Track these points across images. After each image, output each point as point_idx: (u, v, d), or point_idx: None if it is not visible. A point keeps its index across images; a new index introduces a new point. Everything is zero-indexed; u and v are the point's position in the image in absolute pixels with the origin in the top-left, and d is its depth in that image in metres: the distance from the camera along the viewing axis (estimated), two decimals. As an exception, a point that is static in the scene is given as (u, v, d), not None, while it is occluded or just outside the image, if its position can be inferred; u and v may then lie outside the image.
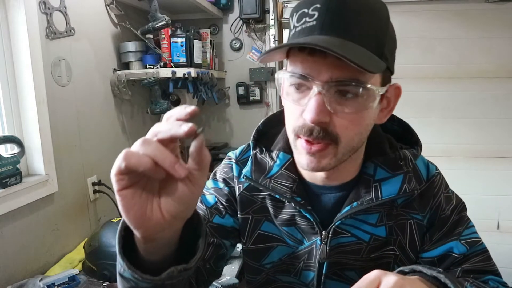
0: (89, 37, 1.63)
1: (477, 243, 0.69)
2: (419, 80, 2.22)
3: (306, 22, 0.54)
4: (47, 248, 1.39)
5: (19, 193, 1.24)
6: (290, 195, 0.66)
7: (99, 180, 1.68)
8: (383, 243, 0.68)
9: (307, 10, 0.54)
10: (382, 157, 0.67)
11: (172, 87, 1.94)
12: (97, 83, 1.71)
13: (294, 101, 0.58)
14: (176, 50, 1.91)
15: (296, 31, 0.56)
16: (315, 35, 0.53)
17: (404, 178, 0.65)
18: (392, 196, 0.64)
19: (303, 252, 0.69)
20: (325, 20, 0.52)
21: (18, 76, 1.30)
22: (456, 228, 0.69)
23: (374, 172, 0.66)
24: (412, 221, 0.68)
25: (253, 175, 0.69)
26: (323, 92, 0.53)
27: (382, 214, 0.66)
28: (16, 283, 1.18)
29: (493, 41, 2.13)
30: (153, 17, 1.79)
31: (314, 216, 0.66)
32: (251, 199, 0.72)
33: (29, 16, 1.28)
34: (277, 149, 0.71)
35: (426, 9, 2.16)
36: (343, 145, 0.57)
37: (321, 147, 0.56)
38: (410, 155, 0.69)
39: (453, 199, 0.71)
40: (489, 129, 2.21)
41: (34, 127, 1.32)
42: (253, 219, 0.72)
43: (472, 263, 0.67)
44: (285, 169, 0.68)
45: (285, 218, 0.69)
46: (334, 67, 0.52)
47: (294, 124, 0.58)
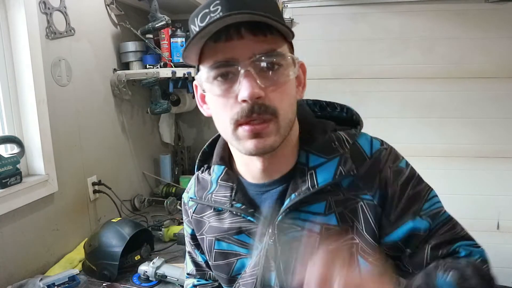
0: (89, 37, 1.63)
1: (440, 213, 0.66)
2: (419, 80, 2.22)
3: (212, 18, 0.55)
4: (47, 248, 1.39)
5: (19, 193, 1.24)
6: (230, 203, 0.68)
7: (99, 180, 1.68)
8: (339, 233, 0.64)
9: (207, 9, 0.56)
10: (312, 143, 0.66)
11: (172, 87, 1.94)
12: (97, 83, 1.71)
13: (223, 93, 0.58)
14: (176, 50, 1.91)
15: (201, 28, 0.56)
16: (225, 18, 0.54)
17: (340, 161, 0.64)
18: (328, 181, 0.63)
19: (259, 256, 0.68)
20: (230, 6, 0.54)
21: (18, 76, 1.30)
22: (414, 204, 0.65)
23: (307, 159, 0.65)
24: (363, 202, 0.64)
25: (197, 195, 0.74)
26: (250, 70, 0.56)
27: (330, 201, 0.64)
28: (16, 283, 1.18)
29: (493, 41, 2.13)
30: (153, 17, 1.79)
31: (257, 217, 0.66)
32: (200, 220, 0.76)
33: (29, 16, 1.28)
34: (212, 164, 0.73)
35: (426, 9, 2.15)
36: (282, 117, 0.59)
37: (264, 125, 0.58)
38: (345, 135, 0.66)
39: (405, 173, 0.66)
40: (489, 129, 2.20)
41: (34, 127, 1.33)
42: (206, 239, 0.75)
43: (438, 236, 0.64)
44: (222, 180, 0.70)
45: (231, 227, 0.70)
46: (252, 44, 0.56)
47: (231, 115, 0.58)
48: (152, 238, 1.50)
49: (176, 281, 1.25)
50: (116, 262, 1.28)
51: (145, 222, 1.77)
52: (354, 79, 2.28)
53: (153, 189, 2.20)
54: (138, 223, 1.47)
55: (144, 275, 1.28)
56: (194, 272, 0.87)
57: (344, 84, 2.29)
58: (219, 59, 0.57)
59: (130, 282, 1.30)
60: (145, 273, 1.27)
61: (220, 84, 0.58)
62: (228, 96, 0.58)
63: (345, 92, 2.28)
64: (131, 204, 1.93)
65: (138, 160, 2.06)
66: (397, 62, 2.23)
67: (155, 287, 1.27)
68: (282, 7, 2.27)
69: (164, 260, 1.31)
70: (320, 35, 2.25)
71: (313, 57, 2.21)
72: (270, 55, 0.57)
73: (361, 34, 2.23)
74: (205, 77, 0.60)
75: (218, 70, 0.58)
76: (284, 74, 0.58)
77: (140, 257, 1.41)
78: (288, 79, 0.59)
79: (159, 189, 2.12)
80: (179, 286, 1.25)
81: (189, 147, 2.48)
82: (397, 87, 2.25)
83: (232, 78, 0.57)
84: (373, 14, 2.20)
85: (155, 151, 2.26)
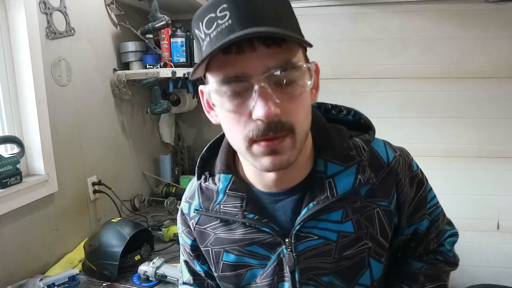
0: (89, 37, 1.63)
1: (436, 209, 0.75)
2: (419, 80, 2.22)
3: (220, 25, 0.51)
4: (47, 248, 1.39)
5: (19, 193, 1.24)
6: (242, 214, 0.64)
7: (99, 180, 1.68)
8: (354, 240, 0.64)
9: (214, 14, 0.51)
10: (330, 150, 0.64)
11: (172, 87, 1.94)
12: (97, 83, 1.71)
13: (236, 110, 0.54)
14: (176, 50, 1.91)
15: (212, 37, 0.52)
16: (238, 32, 0.49)
17: (358, 169, 0.63)
18: (347, 190, 0.62)
19: (273, 266, 0.66)
20: (241, 14, 0.50)
21: (18, 76, 1.30)
22: (422, 207, 0.72)
23: (325, 168, 0.63)
24: (379, 209, 0.65)
25: (203, 206, 0.69)
26: (265, 85, 0.51)
27: (346, 209, 0.64)
28: (16, 283, 1.18)
29: (493, 41, 2.13)
30: (153, 17, 1.79)
31: (272, 227, 0.63)
32: (204, 232, 0.71)
33: (29, 16, 1.28)
34: (217, 173, 0.68)
35: (426, 9, 2.15)
36: (299, 131, 0.55)
37: (280, 141, 0.54)
38: (361, 142, 0.65)
39: (418, 176, 0.71)
40: (489, 129, 2.21)
41: (34, 127, 1.33)
42: (212, 251, 0.71)
43: (433, 231, 0.75)
44: (230, 190, 0.66)
45: (242, 239, 0.66)
46: (266, 57, 0.51)
47: (245, 132, 0.54)
48: (152, 238, 1.50)
49: (176, 281, 1.25)
50: (116, 262, 1.28)
51: (145, 222, 1.77)
52: (354, 79, 2.28)
53: (153, 189, 2.20)
54: (138, 223, 1.47)
55: (144, 275, 1.28)
56: (191, 282, 0.82)
57: (344, 84, 2.30)
58: (230, 73, 0.52)
59: (130, 282, 1.30)
60: (145, 273, 1.27)
61: (232, 99, 0.54)
62: (240, 112, 0.54)
63: (345, 92, 2.28)
64: (131, 204, 1.93)
65: (138, 160, 2.06)
66: (397, 62, 2.23)
67: (155, 287, 1.27)
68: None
69: (164, 260, 1.31)
70: (320, 35, 2.25)
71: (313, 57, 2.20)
72: (286, 68, 0.52)
73: (361, 34, 2.23)
74: (214, 89, 0.55)
75: (229, 85, 0.53)
76: (301, 86, 0.54)
77: (140, 257, 1.41)
78: (304, 90, 0.55)
79: (159, 189, 2.12)
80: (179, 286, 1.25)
81: (189, 147, 2.48)
82: (397, 87, 2.25)
83: (244, 92, 0.53)
84: (373, 14, 2.20)
85: (155, 151, 2.26)
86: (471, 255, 2.26)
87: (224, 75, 0.52)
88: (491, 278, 2.25)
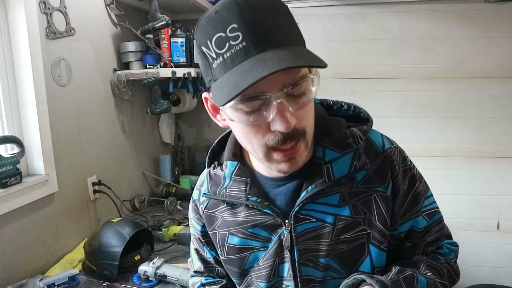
0: (89, 37, 1.63)
1: (435, 213, 0.75)
2: (419, 80, 2.22)
3: (233, 46, 0.53)
4: (47, 248, 1.39)
5: (19, 193, 1.24)
6: (245, 197, 0.70)
7: (99, 180, 1.68)
8: (351, 224, 0.68)
9: (224, 34, 0.53)
10: (329, 138, 0.68)
11: (172, 87, 1.94)
12: (97, 83, 1.71)
13: (253, 123, 0.58)
14: (176, 50, 1.91)
15: (226, 58, 0.54)
16: (254, 55, 0.52)
17: (354, 156, 0.67)
18: (344, 174, 0.66)
19: (275, 248, 0.71)
20: (254, 37, 0.52)
21: (18, 76, 1.30)
22: (418, 202, 0.72)
23: (323, 154, 0.68)
24: (376, 194, 0.69)
25: (210, 190, 0.75)
26: (283, 102, 0.55)
27: (343, 193, 0.68)
28: (16, 283, 1.18)
29: (493, 41, 2.13)
30: (153, 17, 1.79)
31: (273, 209, 0.69)
32: (212, 216, 0.77)
33: (29, 16, 1.28)
34: (225, 160, 0.75)
35: (426, 9, 2.16)
36: (309, 133, 0.62)
37: (296, 149, 0.60)
38: (358, 131, 0.69)
39: (412, 171, 0.73)
40: (489, 129, 2.21)
41: (34, 127, 1.33)
42: (219, 233, 0.77)
43: (432, 234, 0.74)
44: (235, 176, 0.72)
45: (245, 221, 0.72)
46: (282, 76, 0.54)
47: (263, 140, 0.59)
48: (152, 238, 1.50)
49: (176, 281, 1.25)
50: (116, 262, 1.28)
51: (145, 222, 1.77)
52: (354, 79, 2.28)
53: (153, 189, 2.20)
54: (138, 223, 1.47)
55: (144, 275, 1.28)
56: (202, 269, 0.88)
57: (344, 84, 2.30)
58: (250, 93, 0.54)
59: (130, 282, 1.30)
60: (145, 273, 1.28)
61: (249, 114, 0.57)
62: (258, 124, 0.58)
63: (345, 92, 2.28)
64: (131, 204, 1.93)
65: (138, 160, 2.06)
66: (397, 62, 2.23)
67: (155, 287, 1.27)
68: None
69: (164, 260, 1.31)
70: (320, 35, 2.25)
71: (313, 57, 2.21)
72: (299, 83, 0.56)
73: (361, 34, 2.23)
74: (229, 105, 0.57)
75: (248, 103, 0.56)
76: (310, 95, 0.59)
77: (140, 257, 1.41)
78: (312, 97, 0.59)
79: (159, 189, 2.12)
80: (179, 286, 1.25)
81: (189, 147, 2.48)
82: (397, 87, 2.25)
83: (262, 106, 0.56)
84: (373, 14, 2.20)
85: (155, 151, 2.26)
86: (471, 255, 2.26)
87: (243, 94, 0.53)
88: (491, 278, 2.25)
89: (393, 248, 0.74)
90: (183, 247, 1.50)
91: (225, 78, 0.54)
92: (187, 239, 1.47)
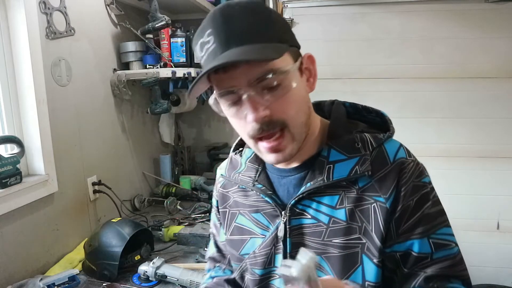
0: (89, 37, 1.63)
1: (448, 246, 0.65)
2: (419, 80, 2.22)
3: (207, 49, 0.61)
4: (47, 248, 1.39)
5: (19, 193, 1.24)
6: (253, 183, 0.75)
7: (99, 180, 1.68)
8: (346, 229, 0.66)
9: (203, 39, 0.62)
10: (336, 140, 0.70)
11: (172, 87, 1.94)
12: (97, 83, 1.71)
13: (235, 116, 0.64)
14: (176, 50, 1.91)
15: (204, 60, 0.62)
16: (219, 55, 0.59)
17: (359, 161, 0.66)
18: (342, 177, 0.66)
19: (272, 237, 0.73)
20: (220, 39, 0.59)
21: (18, 76, 1.30)
22: (426, 224, 0.64)
23: (328, 154, 0.69)
24: (376, 204, 0.65)
25: (227, 173, 0.82)
26: (251, 94, 0.60)
27: (342, 196, 0.67)
28: (16, 283, 1.18)
29: (493, 41, 2.13)
30: (153, 17, 1.79)
31: (274, 199, 0.72)
32: (226, 195, 0.83)
33: (29, 16, 1.28)
34: (245, 147, 0.82)
35: (426, 9, 2.15)
36: (293, 125, 0.63)
37: (278, 138, 0.63)
38: (371, 138, 0.69)
39: (426, 189, 0.66)
40: (489, 129, 2.21)
41: (34, 127, 1.33)
42: (229, 212, 0.82)
43: (437, 269, 0.64)
44: (249, 162, 0.78)
45: (252, 205, 0.77)
46: (247, 70, 0.59)
47: (246, 132, 0.64)
48: (152, 238, 1.50)
49: (176, 281, 1.25)
50: (116, 262, 1.28)
51: (145, 222, 1.77)
52: (354, 79, 2.28)
53: (153, 189, 2.20)
54: (138, 223, 1.47)
55: (144, 275, 1.28)
56: (215, 255, 0.91)
57: (344, 84, 2.30)
58: (222, 89, 0.62)
59: (130, 282, 1.30)
60: (145, 273, 1.27)
61: (230, 107, 0.64)
62: (239, 117, 0.64)
63: (345, 92, 2.28)
64: (131, 204, 1.93)
65: (138, 160, 2.06)
66: (397, 62, 2.23)
67: (155, 287, 1.27)
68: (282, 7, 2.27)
69: (164, 260, 1.31)
70: (320, 35, 2.25)
71: (313, 57, 2.21)
72: (265, 78, 0.59)
73: (361, 34, 2.23)
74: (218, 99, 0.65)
75: (224, 98, 0.63)
76: (285, 87, 0.61)
77: (140, 257, 1.41)
78: (289, 90, 0.61)
79: (159, 189, 2.12)
80: (179, 286, 1.25)
81: (189, 147, 2.48)
82: (397, 87, 2.25)
83: (238, 102, 0.62)
84: (373, 14, 2.20)
85: (155, 151, 2.26)
86: (471, 255, 2.26)
87: (219, 90, 0.62)
88: (491, 278, 2.25)
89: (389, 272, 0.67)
90: (183, 247, 1.50)
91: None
92: (187, 239, 1.47)
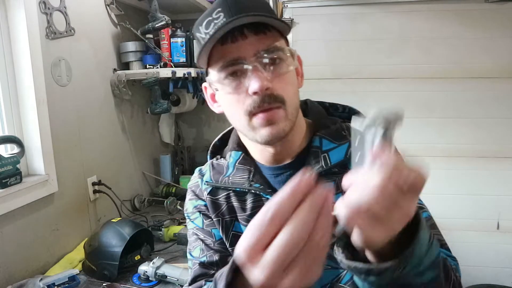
0: (89, 37, 1.63)
1: (423, 209, 0.70)
2: (419, 80, 2.22)
3: (216, 24, 0.63)
4: (47, 248, 1.39)
5: (19, 193, 1.24)
6: (249, 183, 0.74)
7: (99, 180, 1.68)
8: None
9: (211, 17, 0.64)
10: (325, 130, 0.73)
11: (172, 87, 1.94)
12: (97, 83, 1.71)
13: (235, 90, 0.65)
14: (176, 50, 1.91)
15: (211, 33, 0.62)
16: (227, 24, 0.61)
17: (349, 145, 0.70)
18: (340, 160, 0.70)
19: None
20: (231, 13, 0.61)
21: (18, 76, 1.30)
22: None
23: (320, 143, 0.72)
24: None
25: (213, 178, 0.79)
26: (257, 66, 0.62)
27: (337, 182, 0.69)
28: (16, 283, 1.18)
29: (493, 41, 2.13)
30: (153, 17, 1.79)
31: None
32: (216, 202, 0.79)
33: (29, 16, 1.28)
34: (229, 150, 0.80)
35: (426, 9, 2.15)
36: (289, 104, 0.66)
37: (275, 111, 0.64)
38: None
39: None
40: (489, 129, 2.20)
41: (34, 127, 1.33)
42: (223, 221, 0.78)
43: None
44: (239, 164, 0.77)
45: (252, 207, 0.74)
46: (256, 42, 0.63)
47: (244, 107, 0.65)
48: (152, 238, 1.50)
49: (176, 281, 1.25)
50: (116, 262, 1.28)
51: (145, 222, 1.77)
52: (354, 79, 2.28)
53: (153, 189, 2.20)
54: (138, 223, 1.47)
55: (144, 275, 1.28)
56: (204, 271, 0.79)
57: (344, 84, 2.29)
58: (228, 59, 0.63)
59: (130, 282, 1.30)
60: (145, 273, 1.28)
61: (231, 82, 0.65)
62: (239, 91, 0.65)
63: (345, 92, 2.28)
64: (131, 204, 1.93)
65: (138, 160, 2.06)
66: (397, 62, 2.23)
67: (155, 287, 1.27)
68: (282, 7, 2.27)
69: (164, 260, 1.31)
70: (320, 35, 2.25)
71: (313, 57, 2.21)
72: (272, 51, 0.63)
73: (361, 34, 2.23)
74: (216, 78, 0.66)
75: (228, 69, 0.64)
76: (285, 66, 0.65)
77: (140, 257, 1.41)
78: (289, 70, 0.66)
79: (159, 189, 2.12)
80: (179, 286, 1.25)
81: (189, 147, 2.48)
82: (397, 87, 2.25)
83: (241, 75, 0.64)
84: (373, 14, 2.20)
85: (155, 151, 2.26)
86: (471, 255, 2.26)
87: (223, 61, 0.64)
88: (491, 278, 2.25)
89: None
90: (183, 247, 1.50)
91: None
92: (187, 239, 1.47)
